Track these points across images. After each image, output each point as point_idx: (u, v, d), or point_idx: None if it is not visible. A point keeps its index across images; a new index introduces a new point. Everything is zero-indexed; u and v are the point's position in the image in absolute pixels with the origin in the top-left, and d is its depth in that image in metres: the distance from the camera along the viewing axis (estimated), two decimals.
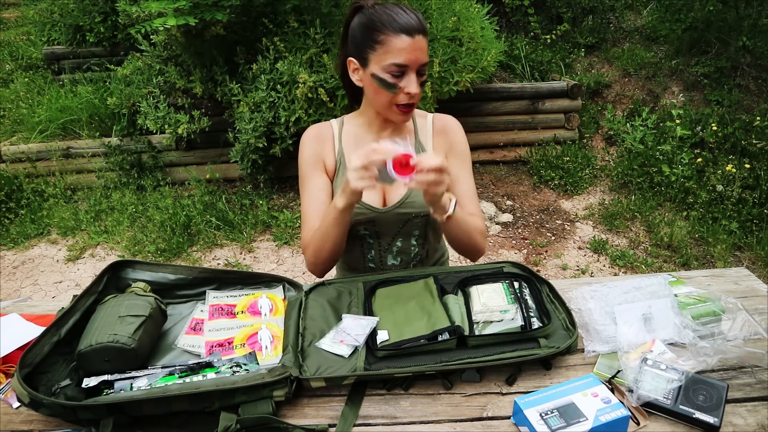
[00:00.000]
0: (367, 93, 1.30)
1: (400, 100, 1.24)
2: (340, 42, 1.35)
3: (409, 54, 1.19)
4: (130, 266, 1.26)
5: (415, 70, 1.22)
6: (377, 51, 1.21)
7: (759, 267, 3.19)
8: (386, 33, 1.19)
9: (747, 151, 4.03)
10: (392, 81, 1.21)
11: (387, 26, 1.19)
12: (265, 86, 3.44)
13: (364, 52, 1.23)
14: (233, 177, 4.13)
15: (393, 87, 1.22)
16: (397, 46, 1.18)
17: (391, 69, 1.20)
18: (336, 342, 1.09)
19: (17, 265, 3.41)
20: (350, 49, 1.28)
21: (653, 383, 0.97)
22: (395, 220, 1.36)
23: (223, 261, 3.36)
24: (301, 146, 1.39)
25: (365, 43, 1.23)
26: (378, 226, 1.37)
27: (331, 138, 1.39)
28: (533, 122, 4.41)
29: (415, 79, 1.22)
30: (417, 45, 1.19)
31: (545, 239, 3.51)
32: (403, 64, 1.20)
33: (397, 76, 1.21)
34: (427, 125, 1.41)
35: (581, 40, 5.22)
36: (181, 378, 0.99)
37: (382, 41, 1.20)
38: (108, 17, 4.67)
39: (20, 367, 0.96)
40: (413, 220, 1.37)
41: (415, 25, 1.19)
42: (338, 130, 1.40)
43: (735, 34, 4.75)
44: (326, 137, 1.39)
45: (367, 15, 1.23)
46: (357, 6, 1.27)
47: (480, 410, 0.98)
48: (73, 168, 4.10)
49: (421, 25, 1.20)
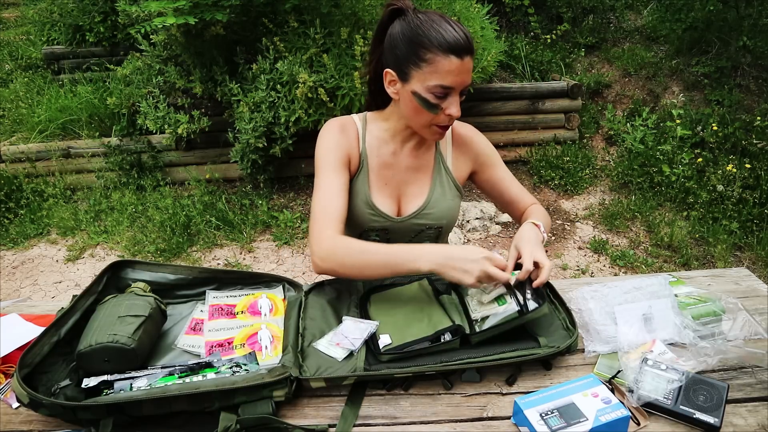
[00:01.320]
0: (404, 108, 1.23)
1: (441, 122, 1.20)
2: (373, 42, 1.27)
3: (457, 77, 1.13)
4: (130, 266, 1.26)
5: (458, 92, 1.17)
6: (422, 69, 1.13)
7: (759, 267, 3.19)
8: (434, 52, 1.11)
9: (747, 151, 4.03)
10: (435, 102, 1.16)
11: (435, 44, 1.11)
12: (265, 86, 3.44)
13: (407, 66, 1.16)
14: (233, 177, 4.13)
15: (436, 108, 1.16)
16: (445, 68, 1.12)
17: (435, 90, 1.14)
18: (332, 344, 1.09)
19: (17, 265, 3.40)
20: (387, 57, 1.20)
21: (653, 383, 0.97)
22: (408, 230, 1.36)
23: (223, 261, 3.36)
24: (325, 134, 1.30)
25: (408, 58, 1.15)
26: (390, 234, 1.36)
27: (356, 135, 1.33)
28: (533, 122, 4.41)
29: (458, 100, 1.17)
30: (465, 67, 1.13)
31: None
32: (449, 86, 1.14)
33: (441, 97, 1.15)
34: (447, 135, 1.39)
35: (581, 40, 5.21)
36: (181, 378, 0.99)
37: (429, 60, 1.12)
38: (108, 17, 4.66)
39: (20, 367, 0.95)
40: (426, 231, 1.36)
41: (465, 45, 1.12)
42: (362, 129, 1.34)
43: (735, 34, 4.75)
44: (351, 133, 1.32)
45: (411, 26, 1.14)
46: (395, 8, 1.18)
47: (480, 410, 0.98)
48: (72, 168, 4.10)
49: (470, 45, 1.13)
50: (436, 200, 1.35)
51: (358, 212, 1.33)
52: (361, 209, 1.32)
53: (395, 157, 1.34)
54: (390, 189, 1.35)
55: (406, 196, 1.35)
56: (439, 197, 1.35)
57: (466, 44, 1.12)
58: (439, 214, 1.35)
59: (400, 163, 1.34)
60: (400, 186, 1.35)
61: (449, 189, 1.37)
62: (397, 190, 1.35)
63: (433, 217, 1.34)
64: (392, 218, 1.33)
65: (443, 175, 1.37)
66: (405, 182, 1.35)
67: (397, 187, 1.35)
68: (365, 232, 1.36)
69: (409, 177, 1.35)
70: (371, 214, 1.32)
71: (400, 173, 1.35)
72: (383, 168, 1.34)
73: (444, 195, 1.36)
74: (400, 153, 1.35)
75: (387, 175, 1.34)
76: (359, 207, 1.32)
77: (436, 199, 1.35)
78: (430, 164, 1.36)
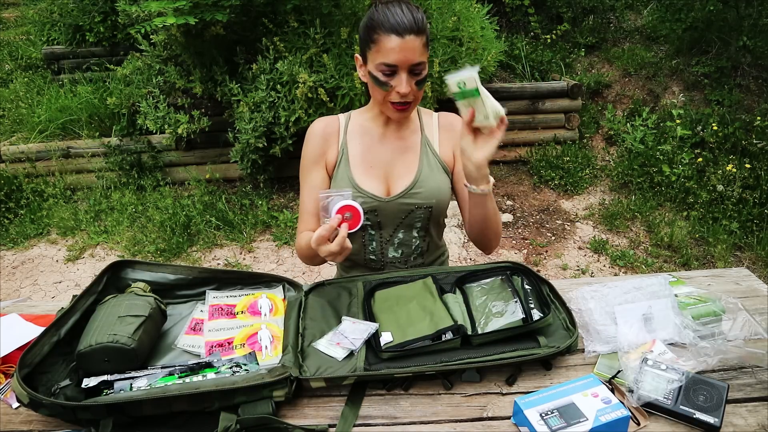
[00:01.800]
0: (369, 88, 1.33)
1: (392, 99, 1.26)
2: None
3: (398, 54, 1.20)
4: (130, 266, 1.26)
5: (406, 69, 1.22)
6: (372, 50, 1.24)
7: (759, 267, 3.19)
8: (379, 32, 1.21)
9: (747, 151, 4.03)
10: (384, 80, 1.24)
11: (380, 26, 1.21)
12: (265, 86, 3.44)
13: (364, 50, 1.28)
14: (233, 177, 4.13)
15: (385, 85, 1.24)
16: (387, 46, 1.20)
17: (381, 68, 1.23)
18: (332, 344, 1.09)
19: (17, 265, 3.40)
20: (358, 45, 1.32)
21: (653, 383, 0.97)
22: (397, 210, 1.37)
23: (223, 261, 3.36)
24: (307, 139, 1.42)
25: (364, 41, 1.27)
26: (380, 215, 1.38)
27: (337, 131, 1.41)
28: (533, 122, 4.41)
29: (406, 78, 1.23)
30: (407, 45, 1.20)
31: (545, 239, 3.51)
32: (392, 64, 1.21)
33: (389, 75, 1.23)
34: (432, 122, 1.44)
35: (581, 40, 5.21)
36: (181, 378, 0.99)
37: (375, 40, 1.22)
38: (108, 17, 4.66)
39: (19, 367, 0.95)
40: (416, 212, 1.38)
41: (407, 25, 1.19)
42: (345, 124, 1.42)
43: (735, 34, 4.75)
44: (332, 131, 1.41)
45: (370, 13, 1.26)
46: (372, 3, 1.30)
47: (480, 410, 0.98)
48: (72, 168, 4.10)
49: (415, 25, 1.20)
50: (424, 179, 1.37)
51: None
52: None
53: (381, 141, 1.40)
54: (376, 171, 1.38)
55: (393, 176, 1.38)
56: (427, 176, 1.37)
57: (410, 23, 1.20)
58: (427, 193, 1.36)
59: (385, 146, 1.39)
60: (387, 167, 1.39)
61: (437, 169, 1.39)
62: (384, 171, 1.38)
63: (422, 197, 1.36)
64: (380, 198, 1.36)
65: (430, 156, 1.40)
66: (392, 163, 1.39)
67: (384, 168, 1.38)
68: None
69: (395, 158, 1.39)
70: (357, 195, 1.35)
71: (387, 155, 1.39)
72: (367, 152, 1.39)
73: (432, 173, 1.38)
74: (385, 137, 1.40)
75: (371, 158, 1.38)
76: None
77: (425, 177, 1.37)
78: (416, 146, 1.40)
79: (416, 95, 1.27)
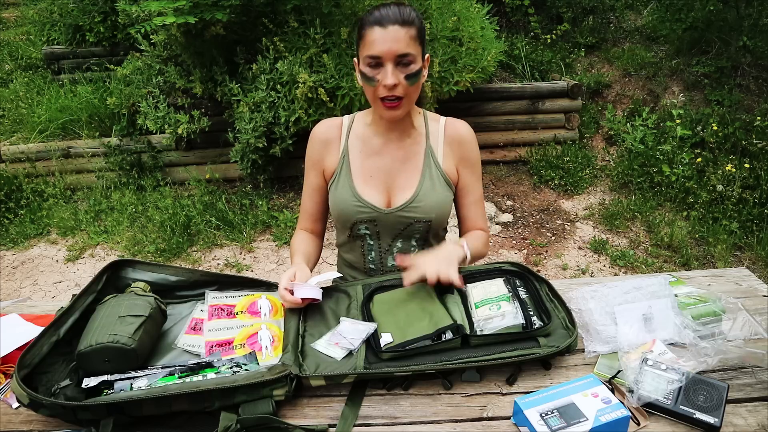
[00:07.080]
0: (364, 90, 1.30)
1: (380, 93, 1.23)
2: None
3: (381, 44, 1.18)
4: (130, 266, 1.26)
5: (391, 60, 1.19)
6: (360, 47, 1.24)
7: (759, 267, 3.19)
8: (365, 28, 1.22)
9: (747, 151, 4.03)
10: (371, 75, 1.22)
11: (367, 21, 1.22)
12: (265, 86, 3.44)
13: (356, 51, 1.28)
14: (233, 177, 4.13)
15: (371, 80, 1.22)
16: (371, 38, 1.20)
17: (368, 62, 1.22)
18: (331, 344, 1.09)
19: (17, 265, 3.40)
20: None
21: (653, 383, 0.97)
22: (396, 222, 1.36)
23: (223, 261, 3.36)
24: (309, 142, 1.42)
25: (356, 41, 1.27)
26: (379, 226, 1.37)
27: (338, 137, 1.39)
28: (533, 122, 4.40)
29: (392, 69, 1.20)
30: (389, 35, 1.18)
31: (545, 239, 3.51)
32: (375, 55, 1.20)
33: (374, 67, 1.21)
34: (439, 130, 1.39)
35: (581, 40, 5.21)
36: (181, 378, 0.99)
37: (362, 35, 1.23)
38: (108, 17, 4.66)
39: (19, 367, 0.95)
40: (415, 225, 1.36)
41: (390, 16, 1.19)
42: (347, 127, 1.40)
43: (735, 34, 4.75)
44: (332, 137, 1.39)
45: (363, 15, 1.27)
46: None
47: (480, 410, 0.98)
48: (72, 168, 4.10)
49: (400, 17, 1.19)
50: (424, 194, 1.34)
51: (345, 204, 1.35)
52: (347, 201, 1.34)
53: (382, 149, 1.36)
54: (377, 181, 1.36)
55: (394, 188, 1.36)
56: (428, 190, 1.35)
57: (394, 16, 1.19)
58: (427, 208, 1.34)
59: (387, 155, 1.36)
60: (388, 178, 1.36)
61: (439, 183, 1.36)
62: (386, 182, 1.36)
63: (421, 211, 1.34)
64: (379, 209, 1.34)
65: (433, 168, 1.37)
66: (394, 174, 1.36)
67: (386, 178, 1.36)
68: (355, 224, 1.37)
69: (397, 168, 1.36)
70: (357, 205, 1.34)
71: (388, 165, 1.36)
72: (368, 160, 1.36)
73: (433, 188, 1.35)
74: (387, 145, 1.37)
75: (372, 167, 1.36)
76: (345, 199, 1.34)
77: (425, 192, 1.35)
78: (419, 157, 1.37)
79: (407, 91, 1.23)
